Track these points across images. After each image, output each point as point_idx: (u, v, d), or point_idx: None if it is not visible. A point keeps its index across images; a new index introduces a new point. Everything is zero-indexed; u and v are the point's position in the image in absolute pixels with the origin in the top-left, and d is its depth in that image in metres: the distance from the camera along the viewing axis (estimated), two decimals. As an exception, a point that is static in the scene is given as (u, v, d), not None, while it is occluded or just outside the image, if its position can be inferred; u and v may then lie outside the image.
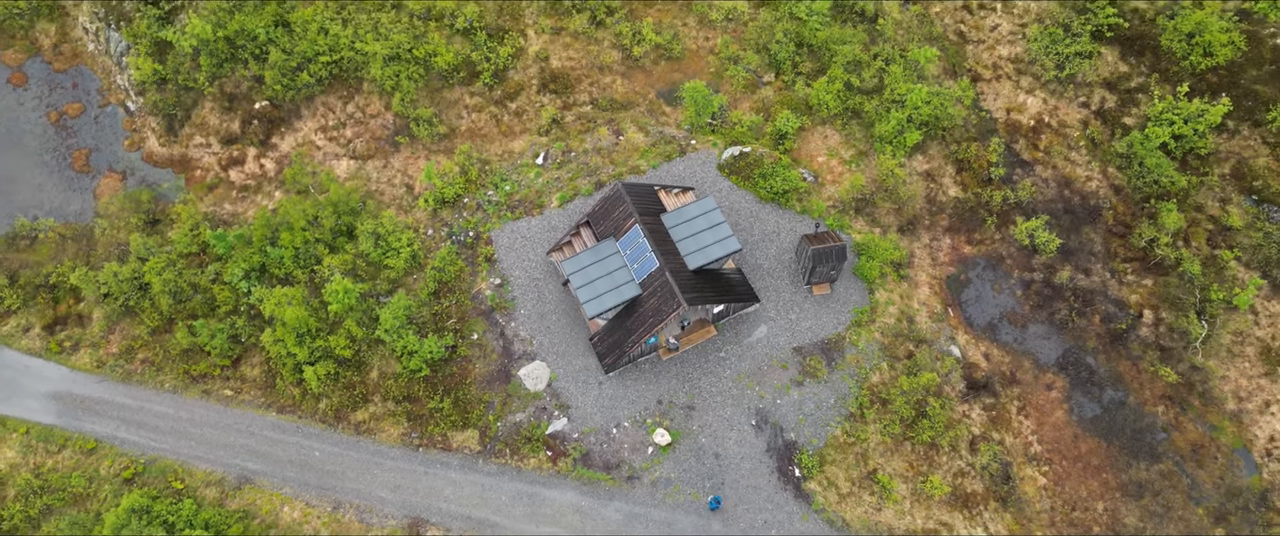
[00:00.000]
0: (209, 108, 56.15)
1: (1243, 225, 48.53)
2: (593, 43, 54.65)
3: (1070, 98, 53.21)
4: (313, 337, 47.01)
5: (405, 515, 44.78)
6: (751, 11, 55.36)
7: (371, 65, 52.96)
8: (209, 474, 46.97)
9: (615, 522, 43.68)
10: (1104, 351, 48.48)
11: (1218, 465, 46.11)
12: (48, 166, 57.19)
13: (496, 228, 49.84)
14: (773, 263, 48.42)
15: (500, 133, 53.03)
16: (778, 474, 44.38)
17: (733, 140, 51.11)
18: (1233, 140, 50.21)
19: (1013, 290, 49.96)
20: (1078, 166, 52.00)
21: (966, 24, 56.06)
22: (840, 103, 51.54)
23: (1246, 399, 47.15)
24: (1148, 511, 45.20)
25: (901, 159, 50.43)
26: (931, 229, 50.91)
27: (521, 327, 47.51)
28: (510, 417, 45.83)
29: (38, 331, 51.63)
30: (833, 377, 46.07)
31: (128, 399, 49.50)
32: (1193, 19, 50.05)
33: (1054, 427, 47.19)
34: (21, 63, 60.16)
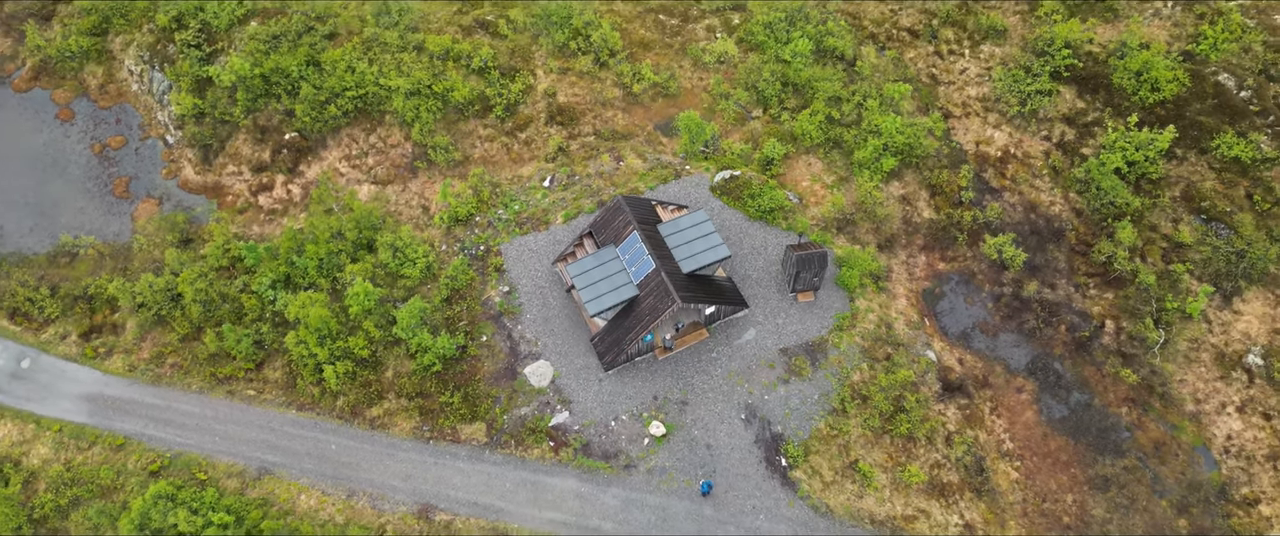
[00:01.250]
0: (242, 139, 61.01)
1: (1193, 241, 52.70)
2: (596, 81, 59.89)
3: (1033, 131, 58.10)
4: (333, 339, 50.60)
5: (415, 502, 47.59)
6: (741, 55, 60.82)
7: (394, 99, 58.08)
8: (231, 466, 49.91)
9: (613, 508, 46.50)
10: (1070, 357, 52.03)
11: (1179, 461, 49.14)
12: (90, 192, 61.71)
13: (506, 241, 54.01)
14: (761, 273, 52.39)
15: (510, 159, 57.74)
16: (765, 463, 47.38)
17: (724, 165, 55.75)
18: (1181, 166, 54.82)
19: (984, 302, 53.81)
20: (1041, 192, 56.51)
21: (938, 67, 61.43)
22: (822, 133, 56.39)
23: (1204, 401, 50.48)
24: (1114, 503, 48.03)
25: (878, 182, 54.91)
26: (908, 247, 55.06)
27: (527, 330, 51.17)
28: (516, 411, 49.07)
29: (74, 339, 55.21)
30: (816, 376, 49.49)
31: (156, 399, 52.75)
32: (1140, 58, 55.31)
33: (1025, 426, 50.38)
34: (70, 100, 65.36)
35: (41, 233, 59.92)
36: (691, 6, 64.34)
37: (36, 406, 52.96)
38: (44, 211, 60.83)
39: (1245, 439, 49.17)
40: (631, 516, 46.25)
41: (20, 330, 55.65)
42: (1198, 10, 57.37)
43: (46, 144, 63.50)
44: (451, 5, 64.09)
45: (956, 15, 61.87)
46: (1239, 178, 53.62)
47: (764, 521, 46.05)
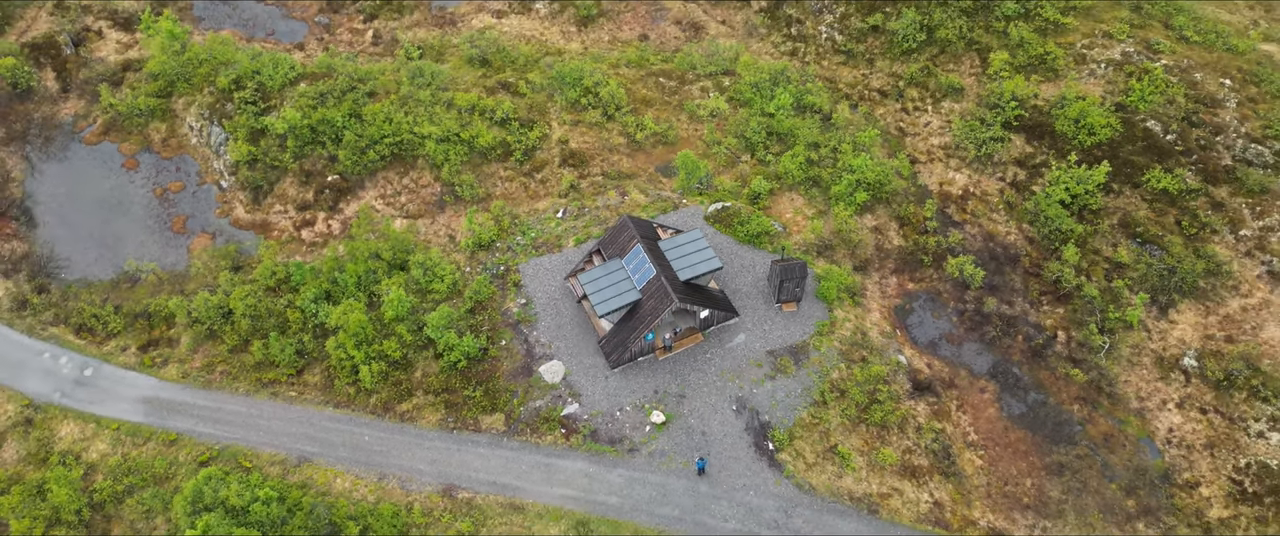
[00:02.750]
0: (289, 181, 68.77)
1: (1131, 261, 59.63)
2: (604, 131, 68.11)
3: (989, 173, 65.88)
4: (368, 343, 56.91)
5: (440, 482, 52.90)
6: (731, 110, 69.28)
7: (426, 144, 66.13)
8: (273, 455, 55.34)
9: (618, 485, 51.84)
10: (1026, 363, 58.21)
11: (1126, 450, 54.69)
12: (150, 229, 68.97)
13: (523, 262, 60.97)
14: (749, 287, 59.13)
15: (528, 196, 65.32)
16: (754, 448, 52.94)
17: (717, 198, 63.28)
18: (1118, 198, 62.28)
19: (949, 317, 60.35)
20: (998, 224, 63.83)
21: (904, 122, 69.78)
22: (803, 172, 64.15)
23: (1147, 398, 56.40)
24: (1068, 486, 53.33)
25: (853, 214, 62.27)
26: (880, 269, 61.99)
27: (542, 335, 57.55)
28: (531, 404, 54.93)
29: (133, 351, 61.40)
30: (799, 374, 55.56)
31: (206, 401, 58.56)
32: (1078, 108, 63.60)
33: (987, 421, 56.13)
34: (135, 152, 73.40)
35: (105, 262, 66.88)
36: (687, 72, 73.32)
37: (97, 408, 58.70)
38: (108, 245, 67.94)
39: (1185, 431, 54.87)
40: (634, 492, 51.57)
41: (85, 343, 61.88)
42: (1127, 69, 66.02)
43: (112, 188, 71.19)
44: (477, 70, 73.08)
45: (920, 77, 70.66)
46: (1168, 207, 61.03)
47: (753, 497, 51.34)
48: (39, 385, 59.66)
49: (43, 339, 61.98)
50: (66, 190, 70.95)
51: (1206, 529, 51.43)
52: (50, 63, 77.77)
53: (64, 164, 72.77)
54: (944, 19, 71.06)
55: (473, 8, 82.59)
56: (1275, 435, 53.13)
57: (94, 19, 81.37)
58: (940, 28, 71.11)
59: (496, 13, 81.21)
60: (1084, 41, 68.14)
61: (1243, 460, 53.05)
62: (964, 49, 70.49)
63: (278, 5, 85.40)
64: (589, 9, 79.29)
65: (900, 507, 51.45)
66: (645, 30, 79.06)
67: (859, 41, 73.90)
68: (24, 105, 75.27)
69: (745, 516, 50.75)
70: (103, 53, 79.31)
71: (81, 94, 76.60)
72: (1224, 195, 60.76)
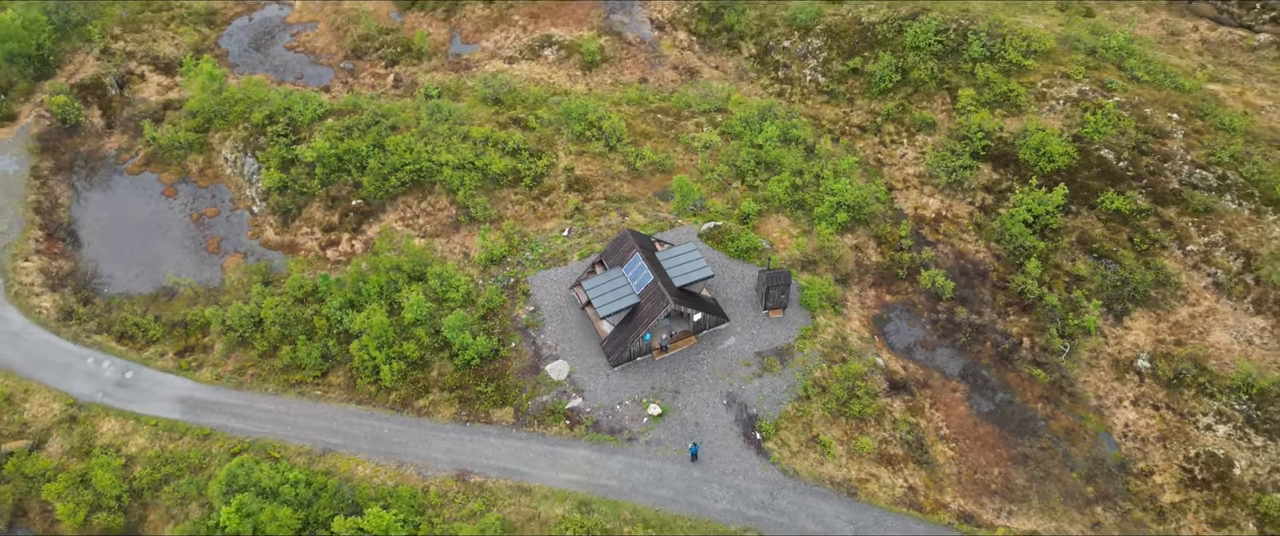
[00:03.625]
0: (317, 206, 74.67)
1: (1088, 274, 65.05)
2: (606, 160, 74.26)
3: (960, 198, 71.76)
4: (389, 345, 62.04)
5: (454, 468, 57.45)
6: (723, 142, 75.52)
7: (443, 171, 72.20)
8: (299, 447, 59.97)
9: (618, 470, 56.41)
10: (994, 366, 63.20)
11: (1086, 443, 59.34)
12: (187, 249, 74.62)
13: (532, 274, 66.45)
14: (739, 297, 64.46)
15: (536, 217, 71.13)
16: (743, 437, 57.63)
17: (709, 218, 69.06)
18: (1076, 218, 68.01)
19: (923, 325, 65.54)
20: (968, 243, 69.45)
21: (883, 153, 75.98)
22: (789, 196, 70.06)
23: (1104, 397, 61.24)
24: (1032, 475, 57.84)
25: (834, 233, 67.96)
26: (860, 283, 67.40)
27: (548, 338, 62.70)
28: (538, 398, 59.81)
29: (171, 356, 66.46)
30: (785, 372, 60.53)
31: (237, 400, 63.42)
32: (1038, 138, 69.78)
33: (958, 418, 60.89)
34: (174, 182, 79.52)
35: (145, 279, 72.33)
36: (683, 109, 79.89)
37: (137, 407, 63.48)
38: (148, 263, 73.50)
39: (1140, 425, 59.58)
40: (632, 476, 56.12)
41: (125, 349, 66.93)
42: (1083, 105, 72.38)
43: (152, 213, 77.11)
44: (490, 108, 79.66)
45: (896, 114, 77.12)
46: (1121, 225, 66.68)
47: (742, 480, 55.86)
48: (82, 386, 64.53)
49: (87, 345, 67.07)
50: (110, 215, 76.87)
51: (1160, 512, 55.80)
52: (96, 102, 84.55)
53: (107, 192, 78.86)
54: (917, 62, 77.89)
55: (486, 55, 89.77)
56: (1222, 427, 57.83)
57: (137, 64, 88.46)
58: (914, 70, 77.88)
59: (508, 59, 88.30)
60: (1044, 81, 74.72)
61: (1192, 450, 57.65)
62: (935, 88, 77.12)
63: (306, 53, 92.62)
64: (593, 55, 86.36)
65: (877, 491, 55.91)
66: (645, 74, 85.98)
67: (840, 82, 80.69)
68: (72, 139, 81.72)
69: (734, 497, 55.23)
70: (145, 93, 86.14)
71: (124, 130, 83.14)
72: (1172, 215, 66.50)
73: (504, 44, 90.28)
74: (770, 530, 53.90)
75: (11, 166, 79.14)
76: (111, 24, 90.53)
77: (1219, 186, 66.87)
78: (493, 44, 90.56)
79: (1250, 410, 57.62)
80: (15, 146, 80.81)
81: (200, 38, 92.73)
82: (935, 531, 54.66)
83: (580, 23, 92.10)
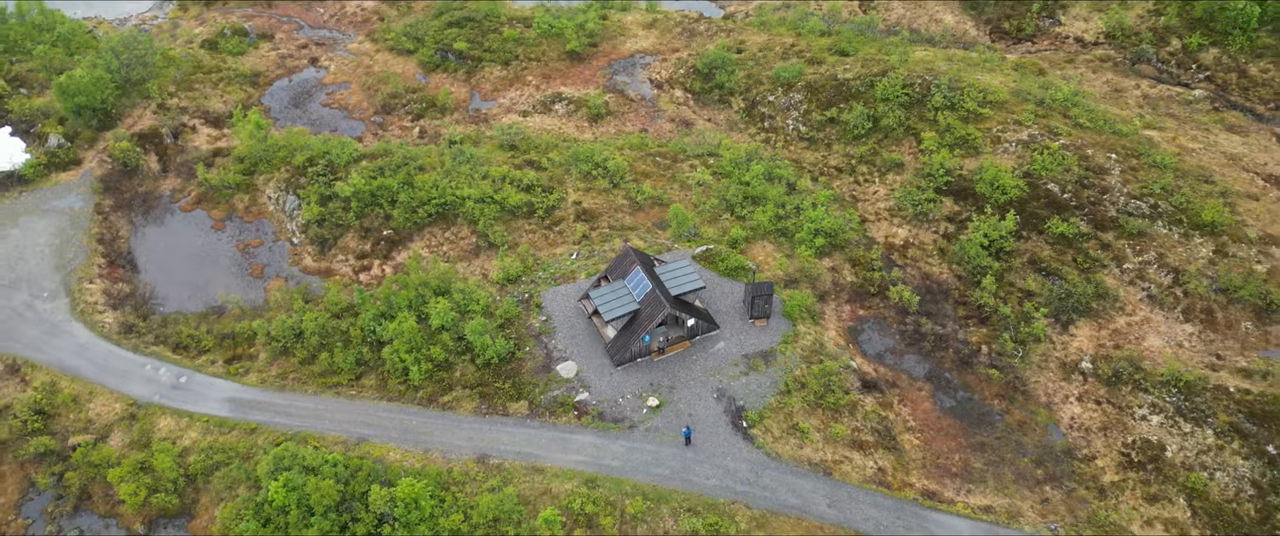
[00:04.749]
0: (351, 236, 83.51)
1: (1037, 289, 73.39)
2: (610, 195, 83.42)
3: (926, 227, 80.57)
4: (418, 349, 69.97)
5: (475, 453, 64.72)
6: (714, 180, 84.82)
7: (465, 204, 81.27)
8: (336, 437, 67.27)
9: (620, 452, 63.71)
10: (956, 369, 70.97)
11: (1036, 434, 66.70)
12: (233, 274, 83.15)
13: (544, 290, 74.81)
14: (728, 309, 72.64)
15: (548, 243, 79.89)
16: (731, 425, 65.06)
17: (702, 243, 77.79)
18: (1026, 242, 76.68)
19: (893, 335, 73.53)
20: (933, 265, 77.97)
21: (857, 190, 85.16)
22: (773, 225, 78.91)
23: (1053, 395, 68.85)
24: (989, 460, 65.07)
25: (813, 254, 76.54)
26: (836, 299, 75.65)
27: (558, 343, 70.69)
28: (550, 393, 67.45)
29: (220, 363, 74.27)
30: (769, 371, 68.28)
31: (280, 400, 71.00)
32: (993, 173, 79.00)
33: (923, 413, 68.37)
34: (222, 217, 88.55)
35: (196, 299, 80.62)
36: (679, 154, 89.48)
37: (190, 406, 70.96)
38: (199, 286, 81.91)
39: (1084, 418, 67.02)
40: (633, 458, 63.40)
41: (180, 358, 74.76)
42: (1033, 147, 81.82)
43: (203, 244, 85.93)
44: (506, 152, 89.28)
45: (868, 156, 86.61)
46: (1066, 248, 75.32)
47: (729, 461, 63.11)
48: (141, 389, 72.22)
49: (145, 354, 75.00)
50: (165, 245, 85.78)
51: (1101, 490, 62.86)
52: (153, 149, 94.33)
53: (162, 226, 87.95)
54: (886, 111, 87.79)
55: (502, 110, 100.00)
56: (1155, 417, 65.29)
57: (190, 117, 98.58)
58: (884, 118, 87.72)
59: (522, 113, 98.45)
60: (998, 127, 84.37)
61: (1129, 438, 65.00)
62: (903, 134, 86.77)
63: (340, 109, 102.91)
64: (599, 109, 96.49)
65: (850, 471, 63.11)
66: (645, 125, 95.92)
67: (819, 130, 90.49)
68: (131, 181, 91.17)
69: (723, 475, 62.42)
70: (196, 143, 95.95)
71: (178, 174, 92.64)
72: (1110, 238, 75.17)
73: (518, 101, 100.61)
74: (755, 503, 60.96)
75: (77, 203, 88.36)
76: (167, 83, 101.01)
77: (1151, 214, 75.73)
78: (508, 101, 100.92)
79: (1179, 402, 65.18)
80: (81, 186, 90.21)
81: (246, 96, 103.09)
82: (902, 505, 61.69)
83: (587, 82, 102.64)
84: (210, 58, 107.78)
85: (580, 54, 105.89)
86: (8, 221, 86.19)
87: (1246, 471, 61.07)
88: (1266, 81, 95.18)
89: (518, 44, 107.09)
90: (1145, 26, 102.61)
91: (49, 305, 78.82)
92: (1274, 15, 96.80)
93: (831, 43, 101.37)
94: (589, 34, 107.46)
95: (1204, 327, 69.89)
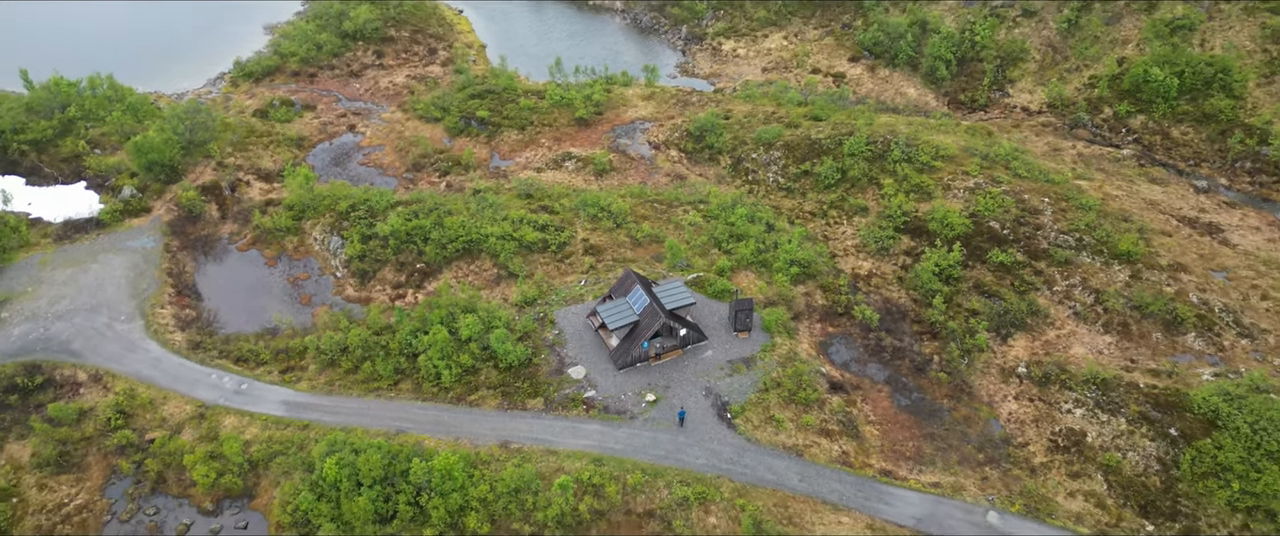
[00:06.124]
0: (388, 269, 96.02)
1: (980, 308, 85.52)
2: (614, 233, 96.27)
3: (887, 260, 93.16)
4: (449, 356, 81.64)
5: (498, 439, 75.77)
6: (703, 221, 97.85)
7: (488, 240, 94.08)
8: (379, 431, 78.31)
9: (622, 437, 74.78)
10: (912, 375, 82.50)
11: (979, 426, 77.85)
12: (284, 302, 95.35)
13: (557, 310, 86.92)
14: (715, 324, 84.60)
15: (560, 273, 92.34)
16: (717, 416, 76.23)
17: (693, 272, 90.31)
18: (972, 270, 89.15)
19: (858, 348, 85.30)
20: (893, 292, 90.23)
21: (828, 231, 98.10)
22: (754, 257, 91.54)
23: (994, 395, 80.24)
24: (938, 447, 76.05)
25: (789, 281, 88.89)
26: (809, 318, 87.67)
27: (569, 351, 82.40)
28: (562, 391, 78.84)
29: (276, 373, 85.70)
30: (750, 374, 79.81)
31: (328, 402, 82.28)
32: (942, 213, 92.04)
33: (883, 409, 79.65)
34: (274, 256, 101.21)
35: (253, 323, 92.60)
36: (673, 201, 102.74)
37: (250, 408, 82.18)
38: (255, 312, 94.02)
39: (1019, 413, 78.28)
40: (633, 442, 74.45)
41: (241, 369, 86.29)
42: (978, 193, 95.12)
43: (257, 278, 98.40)
44: (523, 200, 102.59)
45: (837, 202, 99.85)
46: (1005, 274, 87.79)
47: (716, 445, 74.14)
48: (208, 394, 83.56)
49: (210, 366, 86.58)
50: (225, 279, 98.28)
51: (1032, 470, 73.71)
52: (213, 199, 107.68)
53: (222, 263, 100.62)
54: (853, 164, 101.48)
55: (519, 167, 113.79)
56: (1078, 410, 76.55)
57: (244, 173, 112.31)
58: (851, 170, 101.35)
59: (537, 169, 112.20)
60: (949, 176, 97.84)
61: (1057, 427, 76.17)
62: (867, 183, 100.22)
63: (375, 167, 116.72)
64: (604, 166, 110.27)
65: (818, 453, 74.10)
66: (644, 179, 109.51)
67: (795, 181, 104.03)
68: (194, 226, 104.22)
69: (710, 456, 73.41)
70: (251, 194, 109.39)
71: (235, 220, 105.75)
72: (1042, 266, 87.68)
73: (533, 159, 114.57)
74: (738, 478, 71.80)
75: (148, 243, 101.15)
76: (225, 144, 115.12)
77: (1077, 246, 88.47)
78: (525, 159, 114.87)
79: (1098, 396, 76.60)
80: (151, 230, 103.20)
81: (292, 156, 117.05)
82: (862, 481, 72.54)
83: (593, 144, 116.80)
84: (261, 124, 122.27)
85: (587, 120, 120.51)
86: (88, 258, 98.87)
87: (1153, 450, 72.15)
88: (1186, 142, 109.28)
89: (532, 112, 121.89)
90: (1081, 97, 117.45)
91: (126, 326, 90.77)
92: (1191, 86, 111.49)
93: (807, 111, 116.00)
94: (595, 104, 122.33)
95: (1120, 338, 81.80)
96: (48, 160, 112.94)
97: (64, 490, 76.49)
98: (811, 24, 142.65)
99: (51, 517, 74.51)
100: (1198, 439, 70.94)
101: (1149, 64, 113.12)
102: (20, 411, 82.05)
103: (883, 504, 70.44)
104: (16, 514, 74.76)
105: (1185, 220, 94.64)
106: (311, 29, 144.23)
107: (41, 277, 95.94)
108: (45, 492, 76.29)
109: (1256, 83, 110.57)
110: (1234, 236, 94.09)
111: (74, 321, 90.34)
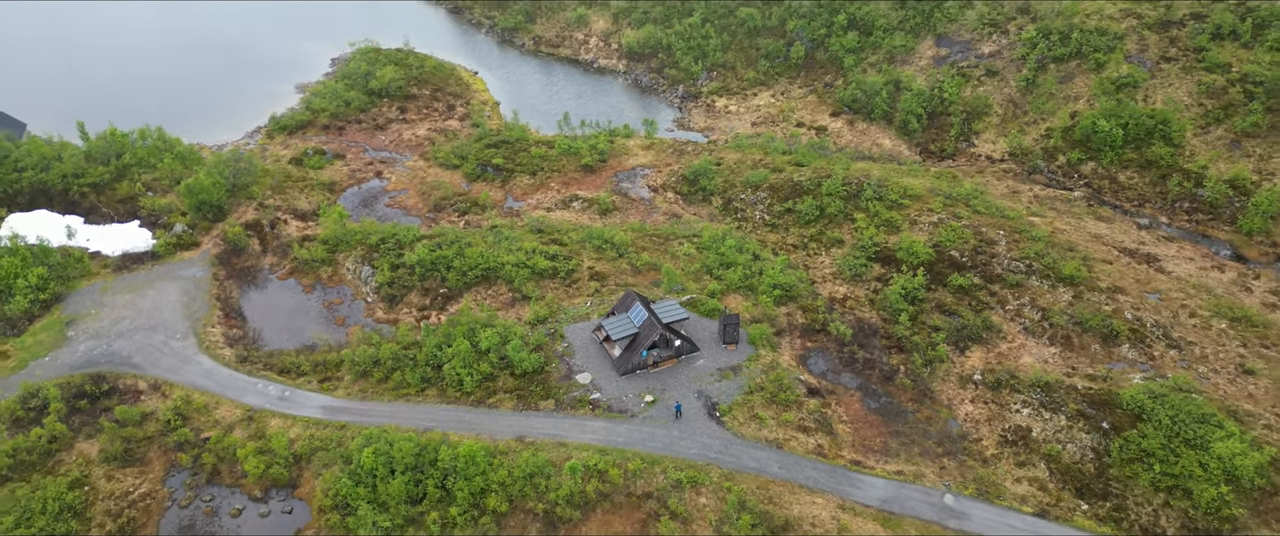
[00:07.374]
0: (414, 294, 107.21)
1: (942, 324, 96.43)
2: (617, 262, 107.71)
3: (860, 285, 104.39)
4: (470, 365, 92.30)
5: (515, 435, 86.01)
6: (696, 251, 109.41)
7: (505, 268, 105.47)
8: (408, 429, 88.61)
9: (624, 431, 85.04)
10: (880, 382, 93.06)
11: (939, 425, 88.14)
12: (320, 323, 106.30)
13: (566, 325, 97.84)
14: (706, 338, 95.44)
15: (568, 296, 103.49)
16: (708, 414, 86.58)
17: (687, 294, 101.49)
18: (935, 293, 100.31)
19: (833, 360, 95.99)
20: (865, 312, 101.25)
21: (808, 261, 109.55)
22: (742, 281, 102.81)
23: (953, 399, 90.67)
24: (902, 442, 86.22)
25: (773, 302, 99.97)
26: (790, 335, 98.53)
27: (577, 361, 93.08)
28: (571, 394, 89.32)
29: (315, 383, 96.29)
30: (737, 379, 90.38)
31: (362, 406, 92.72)
32: (908, 243, 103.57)
33: (854, 411, 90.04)
34: (310, 284, 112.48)
35: (293, 340, 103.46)
36: (670, 235, 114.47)
37: (293, 411, 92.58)
38: (294, 332, 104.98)
39: (975, 413, 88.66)
40: (634, 436, 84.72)
41: (284, 379, 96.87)
42: (940, 226, 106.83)
43: (296, 303, 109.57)
44: (535, 234, 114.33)
45: (816, 236, 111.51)
46: (964, 295, 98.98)
47: (706, 438, 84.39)
48: (255, 400, 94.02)
49: (256, 376, 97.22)
50: (267, 304, 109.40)
51: (984, 460, 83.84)
52: (255, 235, 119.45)
53: (264, 290, 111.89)
54: (830, 202, 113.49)
55: (530, 208, 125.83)
56: (1025, 410, 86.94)
57: (283, 213, 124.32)
58: (828, 207, 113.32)
59: (547, 209, 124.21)
60: (916, 212, 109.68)
61: (1007, 425, 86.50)
62: (843, 219, 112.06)
63: (400, 209, 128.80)
64: (607, 206, 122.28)
65: (796, 446, 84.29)
66: (644, 218, 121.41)
67: (779, 218, 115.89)
68: (239, 258, 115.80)
69: (701, 448, 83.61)
70: (289, 231, 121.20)
71: (275, 253, 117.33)
72: (996, 288, 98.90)
73: (543, 200, 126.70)
74: (725, 465, 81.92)
75: (198, 273, 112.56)
76: (265, 187, 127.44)
77: (1027, 271, 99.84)
78: (535, 201, 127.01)
79: (1042, 398, 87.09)
80: (201, 261, 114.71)
81: (325, 199, 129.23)
82: (835, 469, 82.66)
83: (598, 188, 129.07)
84: (296, 171, 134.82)
85: (593, 167, 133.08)
86: (145, 285, 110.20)
87: (1088, 441, 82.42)
88: (1131, 185, 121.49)
89: (543, 160, 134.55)
90: (1039, 146, 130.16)
91: (180, 343, 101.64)
92: (1135, 136, 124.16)
93: (791, 158, 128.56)
94: (599, 152, 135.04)
95: (1063, 349, 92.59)
96: (105, 201, 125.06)
97: (129, 480, 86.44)
98: (797, 83, 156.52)
99: (119, 503, 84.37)
100: (1126, 430, 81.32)
101: (1098, 117, 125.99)
102: (89, 414, 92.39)
103: (852, 488, 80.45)
104: (89, 499, 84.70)
105: (1125, 251, 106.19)
106: (340, 87, 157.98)
107: (103, 302, 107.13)
108: (112, 482, 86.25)
109: (1193, 133, 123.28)
110: (1169, 265, 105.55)
111: (134, 339, 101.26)
